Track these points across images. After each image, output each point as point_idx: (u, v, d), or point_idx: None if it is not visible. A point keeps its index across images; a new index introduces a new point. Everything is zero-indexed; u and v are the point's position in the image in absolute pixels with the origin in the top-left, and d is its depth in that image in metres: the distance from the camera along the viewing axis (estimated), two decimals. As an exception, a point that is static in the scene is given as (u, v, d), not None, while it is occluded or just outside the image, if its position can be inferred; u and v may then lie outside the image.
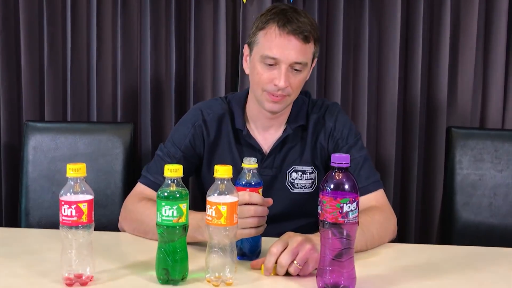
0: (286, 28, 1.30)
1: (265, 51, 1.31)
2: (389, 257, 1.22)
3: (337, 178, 0.99)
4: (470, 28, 1.96)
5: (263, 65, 1.32)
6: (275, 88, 1.31)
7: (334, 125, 1.42)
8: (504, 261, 1.21)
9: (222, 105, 1.45)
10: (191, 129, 1.42)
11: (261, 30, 1.33)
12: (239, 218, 1.05)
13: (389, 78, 1.99)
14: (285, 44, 1.30)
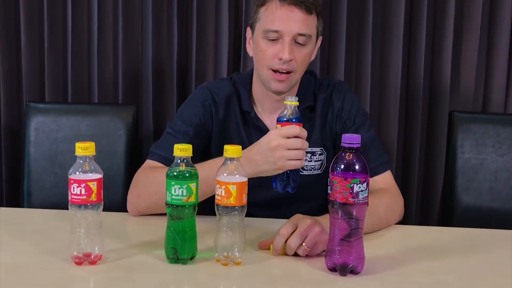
0: (286, 0, 1.28)
1: (267, 25, 1.29)
2: (395, 238, 1.23)
3: (347, 159, 0.99)
4: (474, 12, 1.95)
5: (266, 41, 1.30)
6: (280, 62, 1.29)
7: (342, 105, 1.41)
8: (508, 242, 1.23)
9: (229, 86, 1.43)
10: (201, 108, 1.40)
11: (261, 6, 1.32)
12: (287, 150, 1.11)
13: (392, 62, 1.98)
14: (287, 15, 1.28)
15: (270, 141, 1.14)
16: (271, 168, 1.14)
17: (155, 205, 1.26)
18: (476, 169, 1.78)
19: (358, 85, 2.01)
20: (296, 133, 1.13)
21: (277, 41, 1.29)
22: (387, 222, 1.27)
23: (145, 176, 1.31)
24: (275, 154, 1.13)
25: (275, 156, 1.13)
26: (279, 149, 1.12)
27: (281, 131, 1.14)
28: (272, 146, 1.13)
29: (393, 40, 1.97)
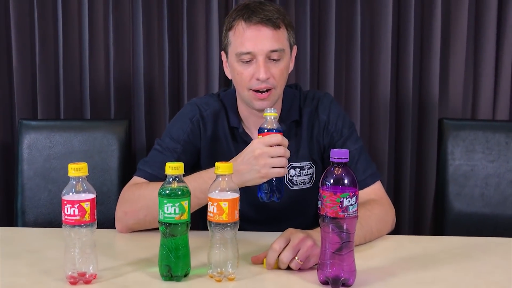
0: (253, 19, 1.29)
1: (238, 49, 1.30)
2: (387, 249, 1.24)
3: (336, 173, 1.00)
4: (460, 22, 1.98)
5: (241, 63, 1.31)
6: (258, 82, 1.29)
7: (328, 117, 1.42)
8: (498, 250, 1.24)
9: (217, 102, 1.44)
10: (189, 124, 1.41)
11: (229, 30, 1.33)
12: (270, 158, 1.15)
13: (381, 70, 2.01)
14: (256, 35, 1.28)
15: (253, 150, 1.16)
16: (255, 176, 1.17)
17: (143, 221, 1.27)
18: (467, 175, 1.80)
19: (348, 95, 2.03)
20: (278, 141, 1.16)
21: (251, 62, 1.30)
22: (378, 233, 1.28)
23: (131, 193, 1.31)
24: (259, 162, 1.15)
25: (259, 164, 1.15)
26: (262, 157, 1.15)
27: (264, 140, 1.17)
28: (256, 155, 1.15)
29: (381, 50, 2.00)
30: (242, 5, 1.34)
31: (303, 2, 1.97)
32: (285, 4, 1.97)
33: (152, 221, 1.21)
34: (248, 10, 1.31)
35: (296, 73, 1.99)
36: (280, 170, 1.16)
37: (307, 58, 1.99)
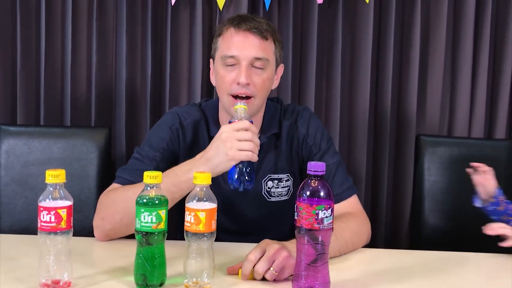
0: (242, 26, 1.34)
1: (224, 52, 1.34)
2: (362, 261, 1.26)
3: (313, 186, 1.02)
4: (438, 41, 2.03)
5: (225, 67, 1.34)
6: (238, 87, 1.32)
7: (307, 131, 1.44)
8: (472, 265, 1.27)
9: (198, 111, 1.46)
10: (168, 132, 1.41)
11: (219, 36, 1.38)
12: (238, 141, 1.18)
13: (361, 87, 2.05)
14: (243, 40, 1.33)
15: (220, 134, 1.20)
16: (223, 159, 1.19)
17: (120, 224, 1.26)
18: (443, 191, 1.84)
19: (328, 110, 2.06)
20: (246, 126, 1.20)
21: (235, 67, 1.33)
22: (353, 246, 1.30)
23: (107, 198, 1.31)
24: (226, 145, 1.19)
25: (226, 146, 1.19)
26: (229, 140, 1.19)
27: (231, 125, 1.22)
28: (222, 138, 1.20)
29: (361, 66, 2.04)
30: (235, 15, 1.40)
31: (285, 19, 2.01)
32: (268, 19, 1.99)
33: (129, 223, 1.19)
34: (239, 18, 1.36)
35: (278, 89, 2.02)
36: (248, 153, 1.18)
37: (289, 74, 2.02)
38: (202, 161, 1.21)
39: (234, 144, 1.18)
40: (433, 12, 2.04)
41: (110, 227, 1.28)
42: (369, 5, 2.00)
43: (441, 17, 2.02)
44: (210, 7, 2.04)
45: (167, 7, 2.01)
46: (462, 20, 2.03)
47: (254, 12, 2.02)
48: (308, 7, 2.02)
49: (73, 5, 1.98)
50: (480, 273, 1.22)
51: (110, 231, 1.29)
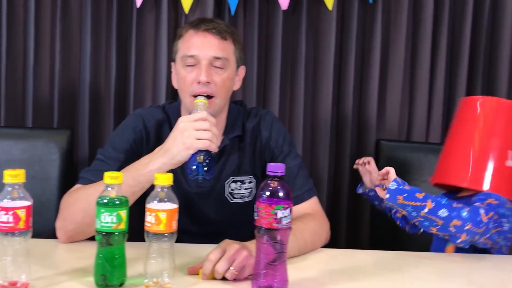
0: (201, 27, 1.38)
1: (183, 52, 1.37)
2: (321, 261, 1.29)
3: (272, 186, 1.05)
4: (398, 48, 2.10)
5: (185, 68, 1.37)
6: (199, 86, 1.34)
7: (269, 134, 1.47)
8: (426, 264, 1.32)
9: (161, 113, 1.47)
10: (132, 134, 1.42)
11: (179, 39, 1.41)
12: (195, 130, 1.19)
13: (323, 92, 2.10)
14: (202, 40, 1.36)
15: (178, 124, 1.22)
16: (181, 148, 1.20)
17: (82, 223, 1.24)
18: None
19: (292, 114, 2.10)
20: (204, 116, 1.22)
21: (195, 67, 1.36)
22: (313, 246, 1.33)
23: (69, 198, 1.31)
24: (184, 134, 1.20)
25: (183, 136, 1.20)
26: (187, 129, 1.20)
27: (189, 116, 1.24)
28: (180, 127, 1.21)
29: (324, 72, 2.09)
30: (195, 18, 1.43)
31: (251, 23, 2.04)
32: (234, 26, 2.02)
33: (90, 223, 1.16)
34: (199, 20, 1.40)
35: (243, 93, 2.05)
36: (206, 142, 1.20)
37: (254, 77, 2.05)
38: (161, 153, 1.23)
39: (192, 133, 1.20)
40: (393, 20, 2.11)
41: (72, 227, 1.27)
42: (331, 12, 2.05)
43: (400, 25, 2.09)
44: (176, 10, 2.05)
45: (133, 9, 2.01)
46: (421, 27, 2.11)
47: (220, 16, 2.05)
48: (273, 12, 2.06)
49: (36, 5, 1.96)
50: (434, 272, 1.27)
51: (72, 231, 1.28)
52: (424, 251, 1.44)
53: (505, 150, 1.49)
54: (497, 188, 1.45)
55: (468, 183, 1.48)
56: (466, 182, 1.48)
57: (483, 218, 1.35)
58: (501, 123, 1.50)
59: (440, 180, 1.57)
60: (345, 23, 2.09)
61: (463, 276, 1.24)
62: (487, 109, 1.52)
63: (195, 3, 2.01)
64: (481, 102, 1.53)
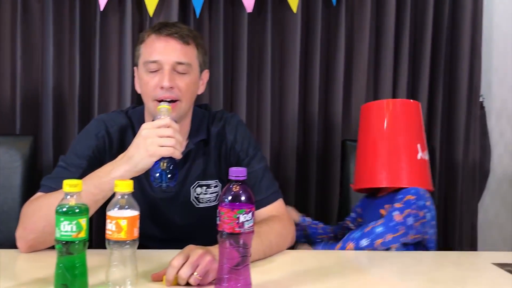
0: (163, 32, 1.37)
1: (146, 58, 1.37)
2: (285, 263, 1.30)
3: (234, 191, 1.05)
4: (362, 49, 2.14)
5: (148, 73, 1.36)
6: (162, 91, 1.34)
7: (234, 137, 1.46)
8: (387, 263, 1.34)
9: (124, 118, 1.46)
10: (94, 140, 1.40)
11: (141, 43, 1.40)
12: (158, 137, 1.17)
13: (290, 93, 2.12)
14: (164, 45, 1.36)
15: (141, 131, 1.20)
16: (144, 156, 1.18)
17: (43, 232, 1.22)
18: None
19: (259, 116, 2.11)
20: (167, 123, 1.20)
21: (158, 72, 1.35)
22: (278, 248, 1.34)
23: (29, 207, 1.28)
24: (147, 141, 1.18)
25: (146, 143, 1.18)
26: (150, 136, 1.18)
27: (152, 122, 1.22)
28: (143, 135, 1.19)
29: (290, 74, 2.11)
30: (157, 22, 1.42)
31: (216, 25, 2.04)
32: (200, 29, 2.02)
33: (51, 232, 1.14)
34: (161, 25, 1.39)
35: (209, 95, 2.05)
36: (169, 149, 1.18)
37: (220, 80, 2.05)
38: (124, 160, 1.21)
39: (155, 140, 1.18)
40: (356, 22, 2.14)
41: (33, 237, 1.25)
42: (296, 14, 2.07)
43: (364, 27, 2.13)
44: (140, 13, 2.03)
45: (96, 12, 1.99)
46: (383, 29, 2.15)
47: (185, 18, 2.04)
48: (238, 14, 2.06)
49: (-5, 8, 1.92)
50: (396, 270, 1.30)
51: (33, 241, 1.26)
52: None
53: (414, 145, 1.59)
54: (414, 182, 1.54)
55: (386, 182, 1.57)
56: (384, 181, 1.57)
57: (397, 218, 1.44)
58: (405, 121, 1.61)
59: (361, 185, 1.66)
60: (310, 25, 2.12)
61: (424, 274, 1.27)
62: (389, 110, 1.61)
63: (159, 6, 2.00)
64: (383, 105, 1.63)
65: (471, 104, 2.22)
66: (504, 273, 1.26)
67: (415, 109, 1.65)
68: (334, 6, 2.10)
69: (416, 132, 1.62)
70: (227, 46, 2.06)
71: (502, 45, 2.28)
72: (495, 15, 2.27)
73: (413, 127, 1.62)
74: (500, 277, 1.25)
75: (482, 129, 2.26)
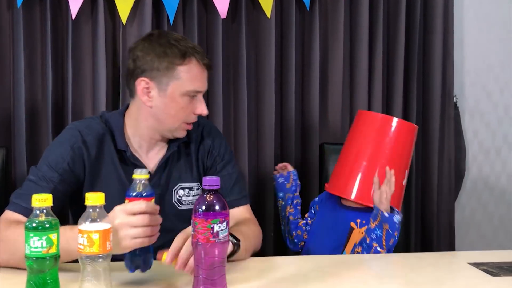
0: (204, 61, 1.38)
1: (192, 86, 1.35)
2: (263, 270, 1.29)
3: (208, 200, 1.04)
4: (336, 53, 2.15)
5: (187, 98, 1.36)
6: (195, 117, 1.39)
7: (212, 143, 1.49)
8: (364, 266, 1.35)
9: (101, 124, 1.41)
10: (69, 151, 1.35)
11: (180, 65, 1.34)
12: (132, 228, 1.07)
13: (266, 99, 2.11)
14: (204, 76, 1.39)
15: (114, 219, 1.07)
16: (116, 248, 1.06)
17: (6, 263, 1.19)
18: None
19: (236, 122, 2.10)
20: (142, 209, 1.08)
21: (194, 98, 1.38)
22: (254, 248, 1.38)
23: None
24: (119, 233, 1.06)
25: (119, 236, 1.06)
26: (123, 227, 1.06)
27: (125, 207, 1.08)
28: (115, 225, 1.06)
29: (266, 79, 2.11)
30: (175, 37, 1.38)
31: (190, 32, 2.03)
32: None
33: (16, 264, 1.15)
34: (195, 49, 1.37)
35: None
36: (144, 240, 1.08)
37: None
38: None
39: (128, 233, 1.07)
40: (330, 26, 2.15)
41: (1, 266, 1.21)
42: (270, 20, 2.07)
43: (338, 30, 2.14)
44: (113, 20, 2.01)
45: (68, 21, 1.96)
46: (357, 32, 2.16)
47: (158, 25, 2.02)
48: (212, 21, 2.06)
49: (-37, 19, 1.88)
50: (374, 274, 1.30)
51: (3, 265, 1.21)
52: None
53: (403, 171, 1.59)
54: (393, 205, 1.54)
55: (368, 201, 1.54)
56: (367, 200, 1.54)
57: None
58: (403, 146, 1.59)
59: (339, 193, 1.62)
60: (284, 30, 2.12)
61: (401, 277, 1.28)
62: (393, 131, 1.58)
63: (132, 13, 1.98)
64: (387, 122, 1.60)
65: (445, 105, 2.25)
66: (479, 273, 1.28)
67: (413, 134, 1.63)
68: (308, 11, 2.11)
69: (408, 157, 1.62)
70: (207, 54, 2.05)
71: (473, 47, 2.32)
72: (465, 18, 2.31)
73: (407, 152, 1.61)
74: (476, 276, 1.26)
75: (456, 129, 2.28)
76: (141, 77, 1.35)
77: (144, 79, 1.35)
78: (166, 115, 1.37)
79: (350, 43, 2.17)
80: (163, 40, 1.36)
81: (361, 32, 2.15)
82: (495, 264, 1.33)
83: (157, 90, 1.35)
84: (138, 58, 1.36)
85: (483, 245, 2.34)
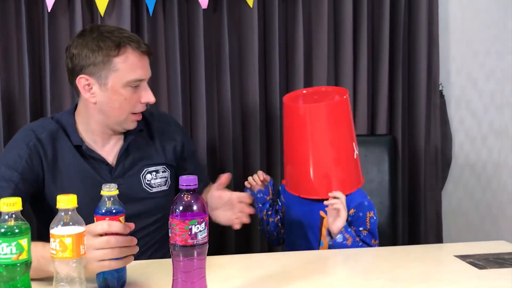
0: (141, 48, 1.36)
1: (131, 76, 1.35)
2: (245, 268, 1.27)
3: (185, 200, 1.01)
4: (321, 42, 2.10)
5: (130, 89, 1.35)
6: (142, 106, 1.38)
7: (175, 128, 1.56)
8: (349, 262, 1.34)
9: (53, 123, 1.42)
10: (26, 150, 1.34)
11: (115, 56, 1.33)
12: (98, 250, 1.03)
13: (250, 90, 2.07)
14: (144, 63, 1.38)
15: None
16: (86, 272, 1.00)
17: None
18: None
19: (220, 114, 2.06)
20: (104, 230, 1.03)
21: (137, 87, 1.36)
22: None
23: None
24: (86, 255, 0.99)
25: (85, 259, 0.99)
26: (88, 249, 0.99)
27: (89, 229, 1.02)
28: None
29: (249, 69, 2.06)
30: (107, 28, 1.37)
31: (171, 23, 1.98)
32: (154, 27, 1.96)
33: None
34: (131, 37, 1.36)
35: (167, 94, 1.99)
36: (111, 263, 1.03)
37: (178, 79, 1.99)
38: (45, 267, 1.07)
39: (94, 256, 1.02)
40: (314, 15, 2.11)
41: None
42: (253, 9, 2.02)
43: (322, 19, 2.09)
44: (91, 12, 1.95)
45: (44, 13, 1.90)
46: (341, 21, 2.11)
47: (138, 17, 1.97)
48: (193, 11, 2.01)
49: None
50: (361, 269, 1.28)
51: None
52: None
53: (351, 145, 1.50)
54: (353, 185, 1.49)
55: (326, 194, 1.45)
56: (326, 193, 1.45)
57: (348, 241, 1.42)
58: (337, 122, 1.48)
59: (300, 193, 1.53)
60: (267, 19, 2.07)
61: (388, 271, 1.25)
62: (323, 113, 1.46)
63: (111, 4, 1.92)
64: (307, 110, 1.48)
65: (430, 93, 2.22)
66: (466, 265, 1.27)
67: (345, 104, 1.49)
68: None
69: (350, 129, 1.51)
70: (183, 44, 2.00)
71: (459, 34, 2.29)
72: (450, 5, 2.28)
73: (346, 125, 1.50)
74: (462, 269, 1.25)
75: (442, 117, 2.26)
76: (80, 74, 1.35)
77: (83, 76, 1.35)
78: (111, 109, 1.36)
79: (334, 32, 2.13)
80: (96, 34, 1.35)
81: (345, 20, 2.11)
82: (481, 256, 1.32)
83: (98, 85, 1.35)
84: (74, 56, 1.36)
85: (471, 234, 2.33)
